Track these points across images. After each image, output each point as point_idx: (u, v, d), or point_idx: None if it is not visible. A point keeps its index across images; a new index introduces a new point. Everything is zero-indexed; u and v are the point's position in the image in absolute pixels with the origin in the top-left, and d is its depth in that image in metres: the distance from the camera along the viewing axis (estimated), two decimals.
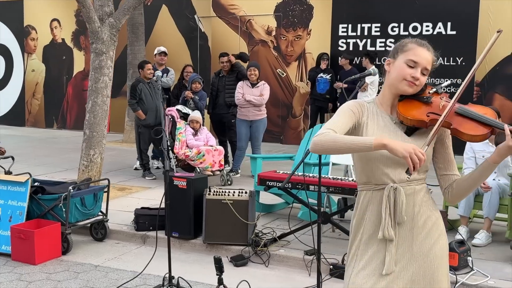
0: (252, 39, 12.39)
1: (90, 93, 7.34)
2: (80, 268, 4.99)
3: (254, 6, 12.28)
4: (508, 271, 4.64)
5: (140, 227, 5.74)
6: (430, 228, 2.32)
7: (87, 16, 7.15)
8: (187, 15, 12.99)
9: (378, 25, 11.27)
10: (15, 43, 14.87)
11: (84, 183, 5.80)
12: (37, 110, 14.82)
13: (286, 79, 12.13)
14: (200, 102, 8.57)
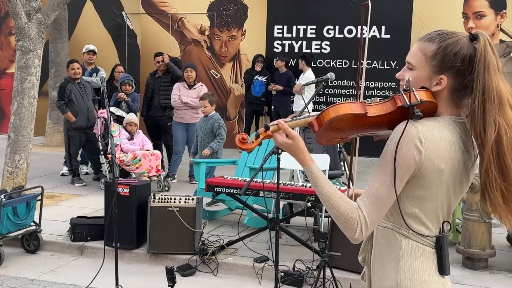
0: (184, 38, 12.34)
1: (15, 94, 7.07)
2: (14, 283, 4.86)
3: (186, 4, 12.24)
4: (454, 274, 4.86)
5: (77, 237, 5.64)
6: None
7: (13, 11, 6.89)
8: (114, 11, 12.77)
9: (313, 27, 11.51)
10: None
11: (16, 191, 5.62)
12: None
13: (220, 80, 12.17)
14: (133, 104, 8.45)
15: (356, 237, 1.71)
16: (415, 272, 1.78)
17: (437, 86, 1.80)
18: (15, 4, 6.87)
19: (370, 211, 1.72)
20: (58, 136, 11.13)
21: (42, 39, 7.20)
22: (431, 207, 1.79)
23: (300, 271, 4.94)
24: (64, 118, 8.41)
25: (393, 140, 1.73)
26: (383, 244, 1.86)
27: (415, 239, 1.80)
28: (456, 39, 1.81)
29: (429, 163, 1.72)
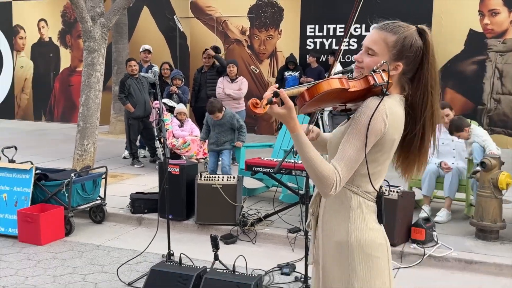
0: (227, 38, 12.38)
1: (83, 88, 7.25)
2: (83, 248, 4.98)
3: (229, 8, 12.26)
4: (468, 244, 4.82)
5: (136, 210, 5.75)
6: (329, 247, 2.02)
7: (80, 16, 7.04)
8: (167, 16, 12.89)
9: (342, 26, 11.39)
10: (4, 41, 14.53)
11: (84, 170, 5.76)
12: (26, 104, 14.53)
13: (259, 75, 12.18)
14: (183, 96, 8.56)
15: (331, 193, 1.79)
16: (362, 221, 1.92)
17: (393, 71, 1.88)
18: (82, 10, 7.03)
19: (344, 171, 1.80)
20: (120, 124, 11.34)
21: (105, 40, 7.34)
22: (379, 170, 1.93)
23: None
24: (124, 109, 8.57)
25: (365, 114, 1.82)
26: (335, 199, 1.95)
27: (362, 195, 1.92)
28: (411, 32, 1.90)
29: (388, 134, 1.84)
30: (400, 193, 4.76)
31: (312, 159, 1.78)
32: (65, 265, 4.54)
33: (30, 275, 4.30)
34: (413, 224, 4.84)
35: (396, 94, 1.92)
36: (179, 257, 3.94)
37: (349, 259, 1.91)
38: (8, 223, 5.22)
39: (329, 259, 1.98)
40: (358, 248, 1.90)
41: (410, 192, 5.09)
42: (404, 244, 4.78)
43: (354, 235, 1.90)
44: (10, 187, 5.34)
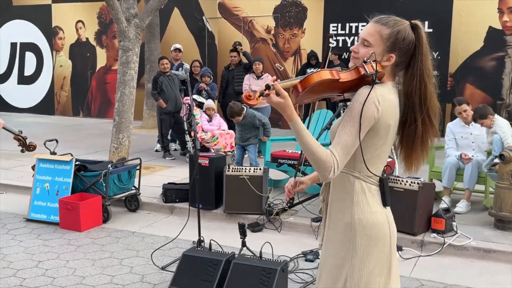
0: (253, 37, 12.39)
1: (118, 85, 7.36)
2: (119, 234, 5.07)
3: (255, 8, 12.26)
4: (487, 234, 4.76)
5: (168, 199, 5.81)
6: (335, 231, 2.06)
7: (116, 17, 7.15)
8: (196, 16, 12.96)
9: (364, 24, 11.28)
10: (44, 42, 14.79)
11: (119, 162, 5.86)
12: (65, 100, 14.79)
13: (283, 72, 12.17)
14: (212, 92, 8.61)
15: (329, 177, 1.82)
16: (365, 205, 1.94)
17: (387, 62, 1.92)
18: (117, 11, 7.13)
19: (341, 155, 1.83)
20: (152, 120, 11.47)
21: (139, 39, 7.43)
22: (378, 154, 1.93)
23: None
24: (157, 104, 8.66)
25: (358, 101, 1.85)
26: (340, 185, 1.99)
27: (364, 179, 1.94)
28: (404, 26, 1.95)
29: (382, 119, 1.86)
30: (420, 184, 4.71)
31: (310, 144, 1.81)
32: (103, 250, 4.63)
33: (71, 259, 4.40)
34: (433, 215, 4.80)
35: (389, 82, 1.95)
36: (209, 243, 3.99)
37: (351, 240, 1.95)
38: (50, 211, 5.35)
39: (334, 240, 2.02)
40: (360, 229, 1.93)
41: (431, 183, 5.04)
42: (425, 234, 4.74)
43: (357, 217, 1.93)
44: (52, 177, 5.46)
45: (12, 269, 4.17)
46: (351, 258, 1.95)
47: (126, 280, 3.99)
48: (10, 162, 7.97)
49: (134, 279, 4.01)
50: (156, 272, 4.14)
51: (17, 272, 4.11)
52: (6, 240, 4.85)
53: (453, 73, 10.54)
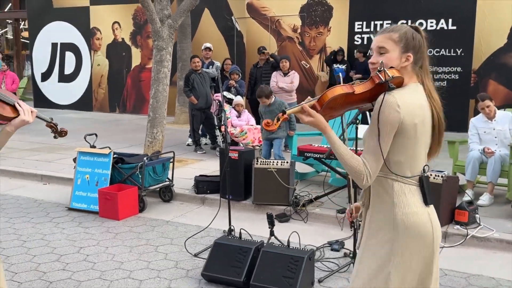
0: (280, 36, 12.34)
1: (153, 82, 7.45)
2: (154, 223, 5.15)
3: (282, 8, 12.21)
4: (509, 226, 4.67)
5: (200, 190, 5.88)
6: (376, 230, 2.03)
7: (151, 18, 7.23)
8: (225, 16, 12.98)
9: (389, 22, 11.11)
10: (83, 42, 15.03)
11: (154, 155, 5.94)
12: (102, 97, 15.03)
13: (309, 69, 12.10)
14: (240, 89, 8.65)
15: (364, 184, 1.87)
16: (406, 206, 1.93)
17: (406, 62, 1.95)
18: (152, 12, 7.21)
19: (372, 163, 1.87)
20: (184, 115, 11.55)
21: (172, 39, 7.50)
22: (411, 154, 1.92)
23: None
24: (188, 101, 8.74)
25: (376, 109, 1.90)
26: (380, 189, 1.98)
27: (402, 181, 1.93)
28: (407, 28, 2.00)
29: (406, 121, 1.86)
30: (444, 177, 4.66)
31: (344, 155, 1.87)
32: (139, 237, 4.72)
33: (109, 246, 4.50)
34: (456, 207, 4.73)
35: (412, 83, 1.97)
36: (239, 232, 4.03)
37: (394, 240, 1.93)
38: (90, 201, 5.48)
39: (375, 241, 2.00)
40: (403, 230, 1.92)
41: (454, 177, 4.98)
42: (448, 226, 4.68)
43: (399, 218, 1.92)
44: (92, 169, 5.59)
45: (55, 254, 4.30)
46: (393, 258, 1.93)
47: (162, 266, 4.07)
48: (52, 155, 8.17)
49: (168, 265, 4.08)
50: (189, 259, 4.20)
51: (61, 257, 4.23)
52: (50, 227, 4.99)
53: (476, 70, 10.31)
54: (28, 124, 2.17)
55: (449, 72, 10.57)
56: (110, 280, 3.79)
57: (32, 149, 8.64)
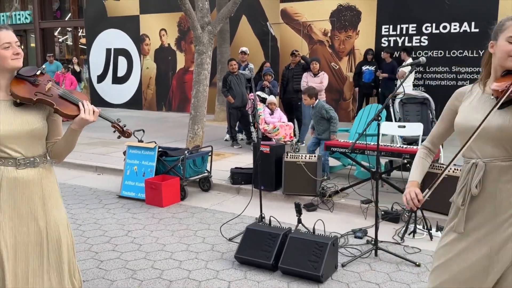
0: (311, 40, 12.28)
1: (194, 83, 7.57)
2: (194, 210, 5.26)
3: (313, 13, 12.14)
4: None
5: (235, 181, 5.94)
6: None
7: (192, 25, 7.34)
8: (261, 22, 13.01)
9: (414, 25, 10.89)
10: (133, 47, 15.37)
11: (194, 149, 6.05)
12: (150, 97, 15.34)
13: (338, 70, 11.99)
14: (273, 89, 8.67)
15: None
16: None
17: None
18: (194, 20, 7.32)
19: None
20: (223, 113, 11.64)
21: (211, 44, 7.60)
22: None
23: (397, 211, 4.88)
24: (226, 100, 8.83)
25: None
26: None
27: None
28: None
29: None
30: None
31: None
32: (180, 223, 4.84)
33: (154, 230, 4.64)
34: None
35: None
36: (269, 219, 4.08)
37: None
38: (138, 189, 5.64)
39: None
40: None
41: None
42: None
43: None
44: (139, 161, 5.75)
45: (106, 236, 4.47)
46: None
47: (200, 248, 4.16)
48: (106, 149, 8.44)
49: (206, 248, 4.18)
50: (224, 243, 4.28)
51: (111, 239, 4.39)
52: (102, 213, 5.18)
53: None
54: (91, 122, 2.17)
55: (472, 72, 10.27)
56: (153, 260, 3.92)
57: (90, 144, 8.94)
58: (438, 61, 10.62)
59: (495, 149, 1.87)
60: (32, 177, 2.19)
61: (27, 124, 2.15)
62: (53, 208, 2.24)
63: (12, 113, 2.15)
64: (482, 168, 1.89)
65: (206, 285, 3.47)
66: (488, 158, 1.89)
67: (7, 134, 2.11)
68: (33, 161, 2.19)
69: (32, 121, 2.17)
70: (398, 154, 4.95)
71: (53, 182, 2.28)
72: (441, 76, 10.70)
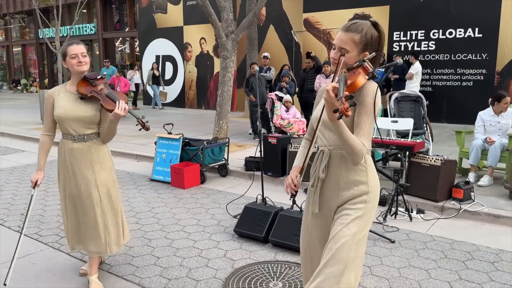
0: (330, 45, 12.16)
1: (220, 84, 7.74)
2: (210, 192, 5.40)
3: (332, 22, 12.02)
4: (500, 203, 4.41)
5: (248, 168, 6.04)
6: (348, 191, 1.88)
7: (218, 34, 7.50)
8: (286, 31, 13.02)
9: (423, 31, 10.60)
10: (178, 54, 15.74)
11: (213, 140, 6.21)
12: (192, 97, 15.67)
13: None
14: (289, 89, 8.70)
15: (361, 161, 1.78)
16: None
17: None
18: (219, 29, 7.47)
19: (367, 143, 1.80)
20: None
21: (234, 50, 7.71)
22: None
23: (384, 195, 4.85)
24: (249, 99, 8.94)
25: (372, 97, 1.80)
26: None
27: (369, 153, 1.89)
28: (368, 27, 1.84)
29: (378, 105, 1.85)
30: (443, 160, 4.48)
31: (349, 137, 1.71)
32: (196, 202, 5.01)
33: (173, 207, 4.83)
34: (454, 185, 4.54)
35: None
36: (264, 200, 4.18)
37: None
38: (165, 174, 5.86)
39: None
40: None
41: (453, 160, 4.75)
42: (445, 201, 4.51)
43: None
44: (167, 150, 5.97)
45: (133, 211, 4.71)
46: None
47: (208, 223, 4.32)
48: (146, 140, 8.76)
49: (213, 223, 4.33)
50: (229, 219, 4.41)
51: (136, 214, 4.63)
52: (134, 193, 5.44)
53: (499, 71, 9.55)
54: (122, 117, 2.65)
55: (475, 73, 9.89)
56: (167, 231, 4.11)
57: (133, 136, 9.31)
58: (444, 64, 10.29)
59: (336, 139, 1.87)
60: (82, 148, 2.80)
61: (83, 112, 2.75)
62: (100, 170, 2.83)
63: (75, 103, 2.77)
64: (327, 154, 1.92)
65: (206, 253, 3.62)
66: (333, 146, 1.91)
67: (69, 117, 2.74)
68: (83, 137, 2.80)
69: (86, 110, 2.76)
70: (386, 145, 4.91)
71: (102, 152, 2.84)
72: (447, 78, 10.37)
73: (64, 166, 2.85)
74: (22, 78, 27.13)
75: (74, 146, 2.80)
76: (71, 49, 2.74)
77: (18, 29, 27.07)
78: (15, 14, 22.99)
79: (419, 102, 5.94)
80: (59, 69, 16.11)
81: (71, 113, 2.75)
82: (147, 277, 3.18)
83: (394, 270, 3.25)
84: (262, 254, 3.57)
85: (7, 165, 7.07)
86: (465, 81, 10.11)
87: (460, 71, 10.19)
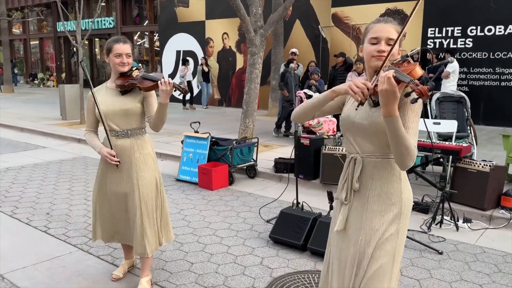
0: (360, 42, 11.98)
1: (247, 82, 7.68)
2: (240, 194, 5.36)
3: (362, 17, 11.84)
4: None
5: (278, 170, 5.97)
6: (379, 204, 1.76)
7: (246, 29, 7.43)
8: (313, 26, 12.89)
9: (459, 28, 10.33)
10: (199, 49, 15.77)
11: (242, 139, 6.16)
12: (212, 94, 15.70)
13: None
14: (319, 86, 8.59)
15: (411, 164, 1.64)
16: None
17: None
18: (248, 24, 7.41)
19: (416, 144, 1.67)
20: (275, 109, 11.68)
21: (263, 46, 7.64)
22: None
23: (427, 202, 4.71)
24: (281, 93, 8.86)
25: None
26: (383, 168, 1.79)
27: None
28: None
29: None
30: (492, 166, 4.32)
31: (406, 137, 1.59)
32: (226, 204, 4.97)
33: (203, 209, 4.80)
34: (503, 193, 4.37)
35: None
36: (302, 205, 4.10)
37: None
38: (192, 174, 5.84)
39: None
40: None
41: (502, 166, 4.57)
42: (494, 210, 4.35)
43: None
44: (194, 149, 5.95)
45: None
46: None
47: (240, 227, 4.27)
48: (171, 138, 8.78)
49: (245, 227, 4.27)
50: (262, 224, 4.35)
51: None
52: None
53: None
54: (169, 92, 2.54)
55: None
56: (199, 235, 4.07)
57: (157, 134, 9.35)
58: (481, 63, 10.01)
59: (371, 145, 1.77)
60: (126, 145, 2.83)
61: (124, 105, 2.79)
62: (144, 170, 2.84)
63: (116, 98, 2.83)
64: (360, 163, 1.80)
65: (242, 259, 3.56)
66: (366, 154, 1.79)
67: (110, 111, 2.79)
68: (127, 133, 2.82)
69: (127, 103, 2.79)
70: (429, 149, 4.77)
71: (146, 151, 2.85)
72: (485, 77, 10.09)
73: (106, 163, 2.91)
74: (39, 72, 27.67)
75: (117, 142, 2.84)
76: (117, 47, 2.77)
77: (35, 22, 27.60)
78: (34, 6, 23.43)
79: (462, 103, 5.76)
80: (77, 63, 16.32)
81: (111, 107, 2.82)
82: (182, 284, 3.15)
83: (446, 284, 3.14)
84: (301, 263, 3.50)
85: (29, 162, 7.17)
86: (504, 81, 9.81)
87: (499, 70, 9.90)
